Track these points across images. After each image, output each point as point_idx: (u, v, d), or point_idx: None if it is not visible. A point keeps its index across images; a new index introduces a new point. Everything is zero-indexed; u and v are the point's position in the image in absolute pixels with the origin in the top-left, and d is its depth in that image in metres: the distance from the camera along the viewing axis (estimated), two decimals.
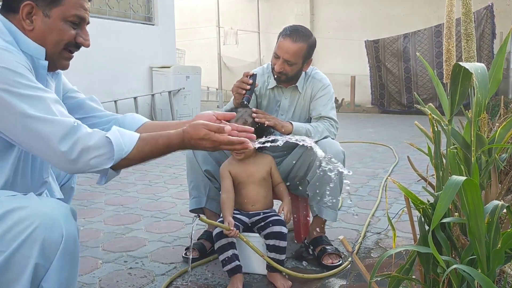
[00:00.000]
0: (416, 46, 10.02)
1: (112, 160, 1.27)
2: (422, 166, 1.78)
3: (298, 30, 2.14)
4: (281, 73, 2.15)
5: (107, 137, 1.28)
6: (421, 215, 1.17)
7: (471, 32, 1.15)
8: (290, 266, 2.02)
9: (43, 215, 1.16)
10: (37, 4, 1.31)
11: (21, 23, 1.31)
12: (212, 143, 1.35)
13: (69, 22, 1.35)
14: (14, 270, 1.14)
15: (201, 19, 14.06)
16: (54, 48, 1.35)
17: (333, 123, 2.20)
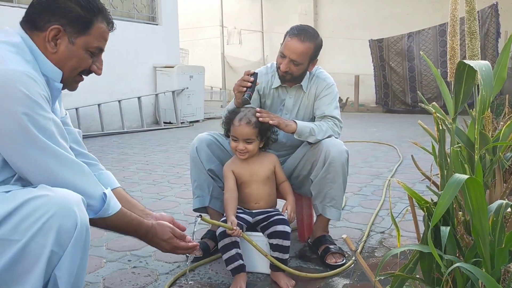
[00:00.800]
0: (420, 45, 9.99)
1: (95, 214, 1.35)
2: (426, 166, 1.77)
3: (306, 30, 2.13)
4: (286, 72, 2.14)
5: (104, 193, 1.36)
6: (425, 214, 1.17)
7: (475, 30, 1.15)
8: (294, 265, 2.02)
9: (57, 203, 1.18)
10: (65, 29, 1.34)
11: (45, 43, 1.33)
12: (172, 247, 1.54)
13: (89, 51, 1.39)
14: (29, 258, 1.16)
15: (204, 19, 14.07)
16: (70, 73, 1.40)
17: (337, 122, 2.19)
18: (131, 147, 5.74)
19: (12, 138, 1.22)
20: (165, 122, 8.26)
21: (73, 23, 1.34)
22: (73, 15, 1.34)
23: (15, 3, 6.48)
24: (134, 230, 1.48)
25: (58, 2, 1.33)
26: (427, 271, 1.18)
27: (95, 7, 1.38)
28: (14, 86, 1.19)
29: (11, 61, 1.23)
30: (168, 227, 1.53)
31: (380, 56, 10.62)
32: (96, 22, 1.38)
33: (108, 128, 7.21)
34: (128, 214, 1.46)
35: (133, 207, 1.65)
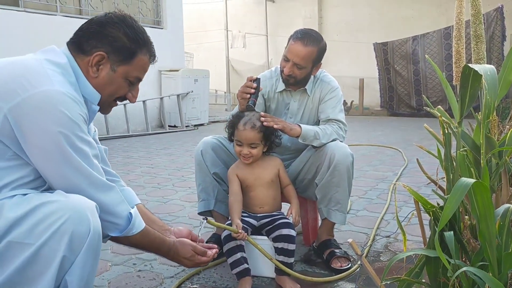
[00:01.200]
0: (425, 49, 9.96)
1: (120, 233, 1.39)
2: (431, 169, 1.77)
3: (309, 34, 2.13)
4: (290, 76, 2.14)
5: (130, 213, 1.40)
6: (431, 218, 1.16)
7: (481, 33, 1.14)
8: (299, 269, 2.01)
9: (72, 208, 1.20)
10: (109, 56, 1.38)
11: (88, 67, 1.38)
12: (193, 264, 1.61)
13: (128, 80, 1.44)
14: (42, 263, 1.17)
15: (209, 23, 14.11)
16: (107, 98, 1.45)
17: (341, 125, 2.19)
18: (136, 151, 5.75)
19: (48, 155, 1.25)
20: (170, 126, 8.27)
21: (118, 52, 1.39)
22: (119, 45, 1.38)
23: (21, 7, 6.53)
24: (157, 248, 1.54)
25: (107, 30, 1.38)
26: (434, 276, 1.17)
27: (141, 39, 1.43)
28: (56, 107, 1.23)
29: (57, 82, 1.27)
30: (190, 245, 1.59)
31: (385, 59, 10.61)
32: (139, 54, 1.43)
33: (113, 132, 7.23)
34: (151, 232, 1.50)
35: (153, 223, 1.70)
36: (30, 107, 1.22)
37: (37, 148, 1.24)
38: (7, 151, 1.25)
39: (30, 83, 1.23)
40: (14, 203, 1.20)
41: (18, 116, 1.21)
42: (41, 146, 1.24)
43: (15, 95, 1.22)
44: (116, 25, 1.39)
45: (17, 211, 1.18)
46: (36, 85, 1.23)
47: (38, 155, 1.26)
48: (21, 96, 1.22)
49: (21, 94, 1.22)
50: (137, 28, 1.43)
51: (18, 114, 1.21)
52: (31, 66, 1.29)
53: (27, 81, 1.24)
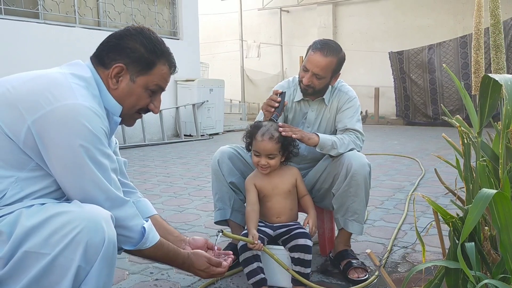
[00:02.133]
0: (441, 57, 9.89)
1: (133, 246, 1.41)
2: (449, 179, 1.75)
3: (329, 44, 2.14)
4: (308, 86, 2.15)
5: (144, 227, 1.41)
6: (451, 229, 1.15)
7: (500, 43, 1.14)
8: (316, 280, 2.00)
9: (87, 219, 1.21)
10: (127, 68, 1.41)
11: (108, 79, 1.41)
12: (208, 275, 1.61)
13: (149, 90, 1.46)
14: (57, 273, 1.18)
15: (224, 33, 14.24)
16: (128, 110, 1.47)
17: (359, 135, 2.18)
18: (152, 160, 5.80)
19: (68, 167, 1.27)
20: (186, 135, 8.33)
21: (136, 63, 1.42)
22: (137, 56, 1.41)
23: (41, 20, 6.67)
24: (171, 260, 1.55)
25: (125, 42, 1.42)
26: (453, 287, 1.16)
27: (158, 50, 1.45)
28: (79, 120, 1.25)
29: (80, 96, 1.30)
30: (204, 257, 1.59)
31: (401, 68, 10.55)
32: (158, 64, 1.45)
33: (130, 141, 7.31)
34: (165, 246, 1.51)
35: (168, 233, 1.71)
36: (53, 120, 1.24)
37: (57, 160, 1.27)
38: (30, 162, 1.28)
39: (54, 97, 1.26)
40: (31, 212, 1.22)
41: (41, 128, 1.24)
42: (61, 158, 1.26)
43: (39, 107, 1.25)
44: (133, 37, 1.42)
45: (33, 220, 1.19)
46: (59, 99, 1.26)
47: (58, 167, 1.28)
48: (45, 109, 1.24)
49: (45, 107, 1.25)
50: (154, 39, 1.46)
51: (41, 126, 1.24)
52: (56, 80, 1.32)
53: (51, 94, 1.26)
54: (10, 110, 1.25)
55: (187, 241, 1.75)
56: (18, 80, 1.32)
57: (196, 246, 1.72)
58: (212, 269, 1.60)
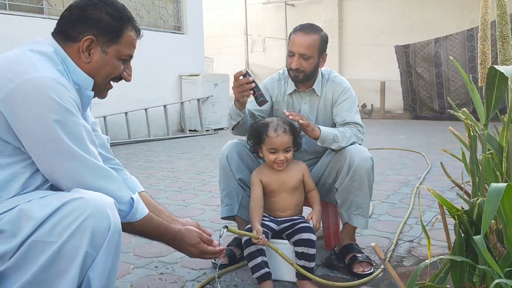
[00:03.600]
0: (448, 51, 9.81)
1: (123, 219, 1.36)
2: (455, 173, 1.74)
3: (308, 24, 2.12)
4: (298, 70, 2.10)
5: (132, 198, 1.38)
6: (457, 222, 1.14)
7: (507, 34, 1.12)
8: (320, 274, 1.99)
9: (92, 205, 1.21)
10: (97, 39, 1.38)
11: (78, 53, 1.38)
12: (199, 252, 1.55)
13: (121, 59, 1.43)
14: (65, 260, 1.19)
15: (229, 28, 14.19)
16: (102, 81, 1.44)
17: (359, 128, 2.15)
18: (157, 155, 5.81)
19: (42, 144, 1.25)
20: (190, 130, 8.34)
21: (105, 33, 1.38)
22: (105, 25, 1.38)
23: (45, 15, 6.68)
24: (161, 234, 1.50)
25: (90, 13, 1.37)
26: (459, 281, 1.15)
27: (124, 16, 1.42)
28: (45, 93, 1.22)
29: (42, 68, 1.26)
30: (196, 232, 1.55)
31: (407, 62, 10.48)
32: (126, 31, 1.42)
33: (134, 136, 7.32)
34: (155, 219, 1.48)
35: (160, 212, 1.67)
36: (19, 97, 1.22)
37: (31, 137, 1.25)
38: (7, 146, 1.27)
39: (15, 74, 1.24)
40: (36, 207, 1.22)
41: (9, 107, 1.22)
42: (34, 134, 1.24)
43: (3, 87, 1.22)
44: (97, 6, 1.38)
45: (41, 214, 1.19)
46: (22, 75, 1.23)
47: (32, 144, 1.26)
48: (8, 87, 1.22)
49: (8, 85, 1.22)
50: (118, 5, 1.42)
51: (9, 105, 1.22)
52: (14, 57, 1.29)
53: (12, 72, 1.24)
54: None
55: (179, 221, 1.69)
56: None
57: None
58: (202, 245, 1.54)
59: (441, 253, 2.18)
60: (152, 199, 1.75)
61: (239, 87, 1.95)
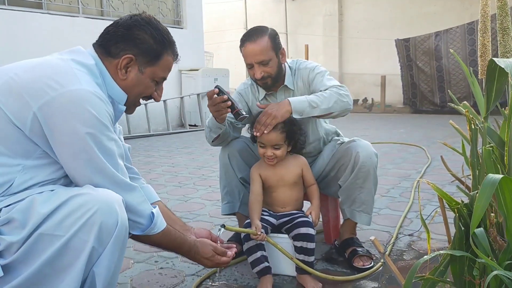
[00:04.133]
0: (448, 44, 9.77)
1: (141, 232, 1.41)
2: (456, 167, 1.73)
3: (252, 30, 2.05)
4: (264, 77, 2.02)
5: (152, 213, 1.41)
6: (456, 215, 1.13)
7: (507, 26, 1.11)
8: (320, 268, 2.00)
9: (101, 201, 1.22)
10: (136, 59, 1.41)
11: (116, 69, 1.41)
12: (213, 264, 1.61)
13: (155, 80, 1.47)
14: (71, 254, 1.20)
15: (228, 22, 14.15)
16: (134, 98, 1.48)
17: (338, 87, 2.00)
18: (157, 150, 5.81)
19: (75, 154, 1.28)
20: (190, 125, 8.33)
21: (145, 54, 1.42)
22: (146, 47, 1.42)
23: (44, 10, 6.66)
24: (177, 247, 1.55)
25: (134, 33, 1.41)
26: (459, 274, 1.15)
27: (166, 40, 1.46)
28: (84, 106, 1.25)
29: (84, 81, 1.29)
30: (210, 245, 1.60)
31: (407, 56, 10.45)
32: (165, 55, 1.46)
33: (134, 131, 7.32)
34: (172, 232, 1.51)
35: (174, 223, 1.71)
36: (58, 106, 1.24)
37: (64, 146, 1.27)
38: (36, 149, 1.29)
39: (58, 83, 1.26)
40: (44, 198, 1.23)
41: (47, 114, 1.24)
42: (68, 145, 1.27)
43: (43, 94, 1.24)
44: (142, 27, 1.42)
45: (48, 207, 1.20)
46: (64, 85, 1.26)
47: (65, 153, 1.28)
48: (50, 95, 1.24)
49: (50, 93, 1.24)
50: (162, 30, 1.46)
51: (47, 112, 1.24)
52: (58, 66, 1.32)
53: (55, 81, 1.26)
54: (15, 98, 1.25)
55: (192, 231, 1.75)
56: (21, 68, 1.32)
57: (200, 236, 1.71)
58: (217, 257, 1.60)
59: (441, 246, 2.18)
60: (167, 209, 1.78)
61: (215, 106, 1.88)
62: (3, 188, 1.26)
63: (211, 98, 1.87)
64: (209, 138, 2.13)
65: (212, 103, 1.88)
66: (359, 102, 11.93)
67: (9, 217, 1.20)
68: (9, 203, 1.24)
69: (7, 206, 1.23)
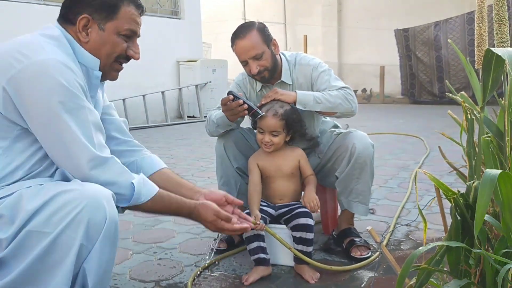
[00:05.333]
0: (447, 34, 9.74)
1: (127, 203, 1.37)
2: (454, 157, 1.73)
3: (239, 28, 2.05)
4: (260, 71, 2.02)
5: (132, 183, 1.36)
6: (453, 205, 1.14)
7: (504, 16, 1.11)
8: (318, 258, 2.01)
9: (88, 197, 1.21)
10: (93, 17, 1.38)
11: (77, 34, 1.38)
12: (216, 228, 1.55)
13: (122, 35, 1.42)
14: (60, 251, 1.19)
15: (227, 12, 14.07)
16: (106, 60, 1.43)
17: (346, 90, 2.03)
18: (156, 141, 5.81)
19: (46, 125, 1.26)
20: (189, 116, 8.32)
21: (99, 10, 1.38)
22: (98, 2, 1.38)
23: (41, 1, 6.61)
24: (175, 212, 1.52)
25: None
26: (454, 264, 1.15)
27: None
28: (51, 75, 1.23)
29: (51, 51, 1.28)
30: (212, 210, 1.52)
31: (406, 46, 10.42)
32: (122, 6, 1.41)
33: (133, 123, 7.31)
34: (166, 198, 1.46)
35: (181, 186, 1.66)
36: (26, 78, 1.23)
37: (35, 118, 1.26)
38: (14, 128, 1.28)
39: (24, 55, 1.25)
40: (32, 194, 1.22)
41: (16, 87, 1.23)
42: (39, 115, 1.25)
43: (10, 68, 1.23)
44: None
45: (35, 202, 1.20)
46: (30, 56, 1.25)
47: (37, 125, 1.27)
48: (16, 68, 1.23)
49: (16, 66, 1.23)
50: None
51: (16, 85, 1.23)
52: (24, 39, 1.31)
53: (21, 53, 1.25)
54: None
55: (202, 192, 1.67)
56: None
57: (211, 199, 1.63)
58: (219, 222, 1.53)
59: (439, 236, 2.19)
60: (174, 174, 1.74)
61: (231, 110, 1.94)
62: None
63: (226, 104, 1.93)
64: (214, 132, 2.16)
65: (228, 108, 1.94)
66: (358, 93, 11.91)
67: None
68: None
69: None
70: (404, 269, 1.02)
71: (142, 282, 1.83)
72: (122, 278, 1.87)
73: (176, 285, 1.80)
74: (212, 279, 1.85)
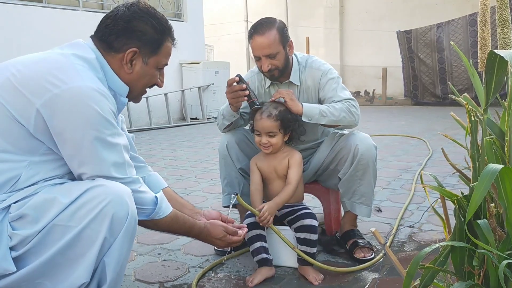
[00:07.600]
0: (450, 36, 9.74)
1: (147, 217, 1.43)
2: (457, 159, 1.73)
3: (260, 23, 2.05)
4: (271, 70, 2.03)
5: (156, 197, 1.43)
6: (456, 207, 1.14)
7: (507, 18, 1.11)
8: (322, 259, 2.01)
9: (112, 193, 1.26)
10: (140, 51, 1.42)
11: (121, 64, 1.42)
12: (226, 243, 1.65)
13: (159, 68, 1.48)
14: (83, 244, 1.23)
15: (229, 15, 14.10)
16: (141, 89, 1.50)
17: (351, 102, 2.04)
18: (159, 143, 5.82)
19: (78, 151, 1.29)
20: (192, 118, 8.34)
21: (147, 45, 1.43)
22: (148, 38, 1.42)
23: (45, 3, 6.64)
24: (187, 231, 1.57)
25: (134, 25, 1.41)
26: (459, 265, 1.16)
27: (166, 28, 1.47)
28: (87, 103, 1.26)
29: (86, 77, 1.30)
30: (221, 226, 1.62)
31: (409, 48, 10.42)
32: (165, 42, 1.46)
33: (136, 125, 7.33)
34: (180, 217, 1.53)
35: (183, 207, 1.74)
36: (62, 103, 1.25)
37: (68, 143, 1.28)
38: (41, 146, 1.30)
39: (60, 79, 1.26)
40: (63, 192, 1.26)
41: (50, 111, 1.25)
42: (72, 142, 1.28)
43: (45, 91, 1.25)
44: (142, 18, 1.42)
45: (63, 199, 1.23)
46: (66, 81, 1.27)
47: (68, 150, 1.30)
48: (52, 91, 1.25)
49: (52, 90, 1.25)
50: (160, 18, 1.46)
51: (51, 109, 1.25)
52: (58, 62, 1.32)
53: (56, 77, 1.27)
54: (17, 95, 1.26)
55: (202, 213, 1.78)
56: (22, 64, 1.32)
57: (211, 218, 1.74)
58: (228, 237, 1.63)
59: (442, 238, 2.19)
60: (175, 194, 1.82)
61: (233, 93, 1.97)
62: (10, 183, 1.27)
63: (231, 85, 1.97)
64: (221, 125, 2.18)
65: (231, 90, 1.97)
66: (360, 95, 11.91)
67: (20, 213, 1.23)
68: (18, 198, 1.26)
69: (16, 202, 1.25)
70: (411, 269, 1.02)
71: (146, 283, 1.84)
72: (126, 279, 1.88)
73: (180, 286, 1.81)
74: (216, 280, 1.86)
